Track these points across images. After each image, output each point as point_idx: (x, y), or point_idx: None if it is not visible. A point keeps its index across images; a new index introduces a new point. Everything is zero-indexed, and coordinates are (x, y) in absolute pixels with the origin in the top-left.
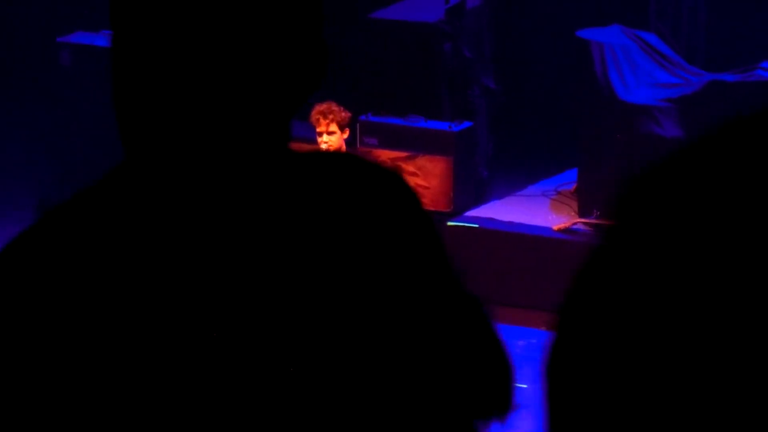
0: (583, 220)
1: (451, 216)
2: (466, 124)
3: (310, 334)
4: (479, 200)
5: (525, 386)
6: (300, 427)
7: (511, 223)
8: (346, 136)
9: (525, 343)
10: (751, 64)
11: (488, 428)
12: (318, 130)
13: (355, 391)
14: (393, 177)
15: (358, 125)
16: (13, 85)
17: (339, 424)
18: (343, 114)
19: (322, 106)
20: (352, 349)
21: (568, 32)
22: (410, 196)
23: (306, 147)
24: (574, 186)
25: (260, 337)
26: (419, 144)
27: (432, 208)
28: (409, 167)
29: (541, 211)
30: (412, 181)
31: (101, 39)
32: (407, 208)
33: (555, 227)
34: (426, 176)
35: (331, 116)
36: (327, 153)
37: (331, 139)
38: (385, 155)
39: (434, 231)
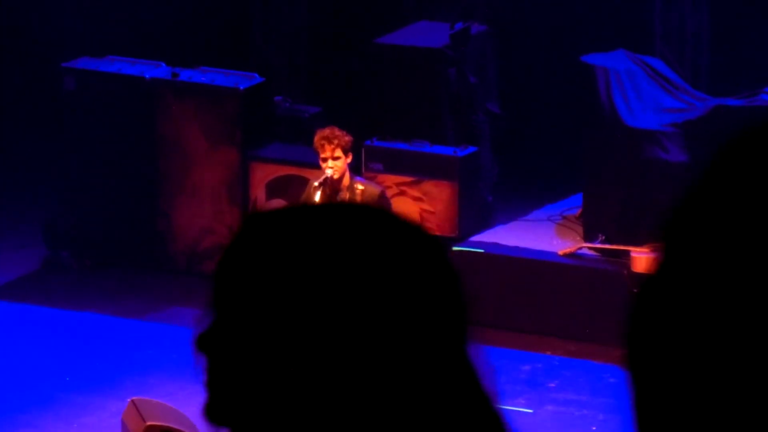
0: (588, 244)
1: (456, 241)
2: (471, 149)
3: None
4: (484, 225)
5: (530, 411)
6: None
7: (516, 248)
8: (349, 160)
9: (530, 368)
10: (756, 88)
11: None
12: (322, 156)
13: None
14: (419, 234)
15: (363, 150)
16: (19, 110)
17: None
18: (346, 138)
19: (325, 132)
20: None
21: (573, 57)
22: (439, 257)
23: (315, 173)
24: (579, 211)
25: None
26: (424, 169)
27: (437, 233)
28: (414, 192)
29: (546, 236)
30: (417, 206)
31: (106, 64)
32: (434, 276)
33: (560, 252)
34: (431, 201)
35: (336, 141)
36: (357, 208)
37: (336, 164)
38: (390, 180)
39: (457, 290)
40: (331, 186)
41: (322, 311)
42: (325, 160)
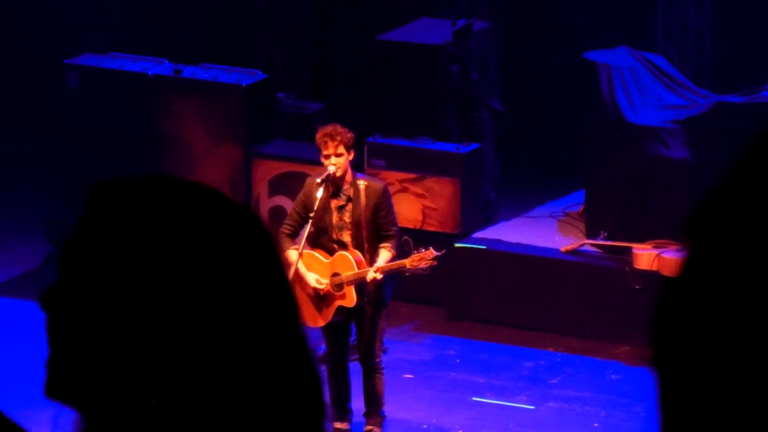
0: (590, 241)
1: (459, 237)
2: (474, 145)
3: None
4: (487, 222)
5: (532, 407)
6: None
7: (518, 245)
8: (351, 157)
9: (532, 365)
10: (758, 85)
11: None
12: (325, 153)
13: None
14: (248, 216)
15: (365, 147)
16: (21, 106)
17: None
18: (348, 135)
19: (327, 129)
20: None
21: (576, 54)
22: (262, 235)
23: (318, 170)
24: (581, 207)
25: None
26: (427, 166)
27: (440, 230)
28: (417, 189)
29: (548, 233)
30: (420, 203)
31: (108, 61)
32: (255, 248)
33: (563, 249)
34: (433, 198)
35: (338, 138)
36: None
37: (338, 161)
38: (393, 177)
39: (283, 282)
40: (334, 183)
41: (153, 282)
42: (327, 156)
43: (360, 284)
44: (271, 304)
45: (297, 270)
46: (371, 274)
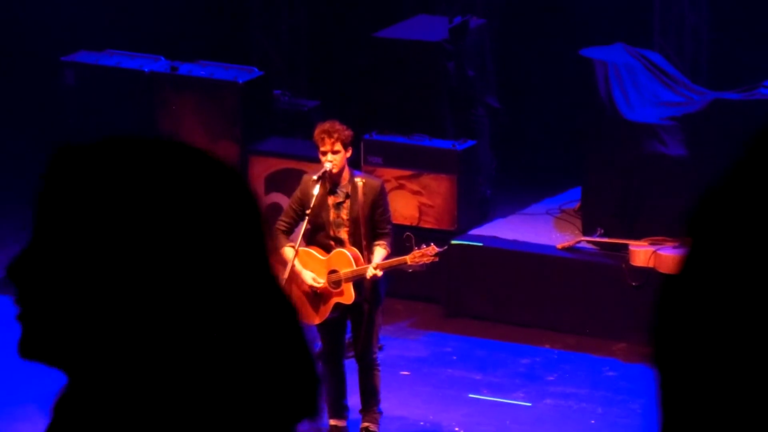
0: (587, 238)
1: (455, 234)
2: (470, 142)
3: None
4: (483, 219)
5: (529, 404)
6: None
7: (515, 242)
8: (349, 154)
9: (529, 362)
10: (755, 82)
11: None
12: (322, 149)
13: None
14: (229, 173)
15: (362, 144)
16: (18, 104)
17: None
18: (346, 133)
19: (325, 125)
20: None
21: (572, 51)
22: (244, 192)
23: (314, 167)
24: (577, 204)
25: None
26: (423, 162)
27: (436, 227)
28: (413, 186)
29: (544, 230)
30: (416, 199)
31: (105, 58)
32: (235, 204)
33: (559, 245)
34: (430, 195)
35: (336, 135)
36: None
37: (335, 158)
38: (389, 174)
39: (259, 230)
40: (331, 179)
41: (127, 237)
42: (324, 153)
43: (357, 281)
44: (249, 256)
45: (293, 267)
46: (371, 271)
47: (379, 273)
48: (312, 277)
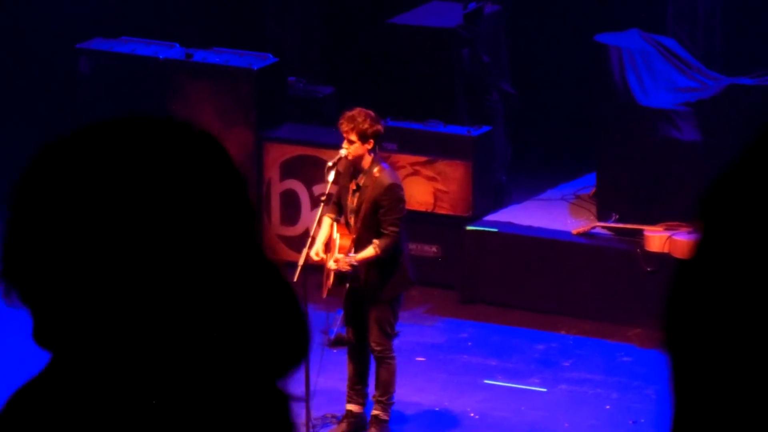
0: (602, 223)
1: (471, 220)
2: (485, 128)
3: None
4: (498, 205)
5: (544, 390)
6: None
7: (530, 228)
8: (369, 147)
9: (544, 347)
10: None
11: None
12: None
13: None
14: (206, 138)
15: None
16: (33, 92)
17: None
18: (364, 126)
19: (350, 113)
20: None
21: (586, 37)
22: (221, 156)
23: (329, 153)
24: (592, 190)
25: None
26: (438, 149)
27: (451, 213)
28: (428, 172)
29: (560, 215)
30: (431, 186)
31: (120, 45)
32: (215, 169)
33: (574, 231)
34: (445, 181)
35: (351, 125)
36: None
37: (350, 147)
38: (404, 160)
39: (242, 191)
40: (347, 167)
41: (119, 223)
42: (343, 140)
43: (354, 272)
44: (225, 215)
45: (330, 236)
46: (331, 262)
47: (333, 266)
48: (316, 251)
